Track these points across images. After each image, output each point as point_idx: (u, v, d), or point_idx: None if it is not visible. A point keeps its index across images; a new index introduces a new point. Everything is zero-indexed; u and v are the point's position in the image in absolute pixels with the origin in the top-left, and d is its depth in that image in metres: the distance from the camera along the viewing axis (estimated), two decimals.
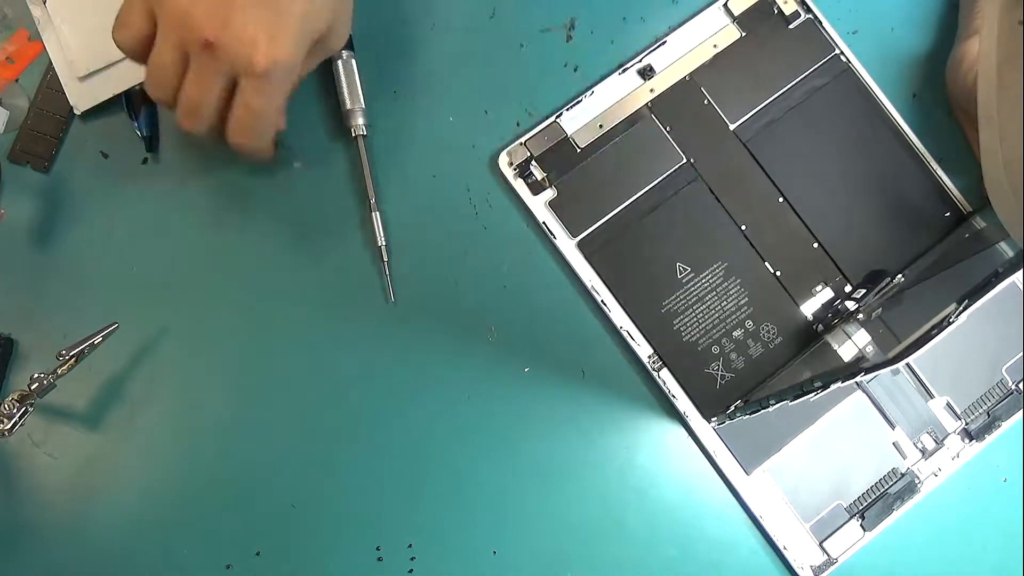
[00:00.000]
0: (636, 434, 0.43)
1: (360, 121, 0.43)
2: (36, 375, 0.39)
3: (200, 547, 0.42)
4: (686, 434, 0.43)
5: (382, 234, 0.43)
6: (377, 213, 0.43)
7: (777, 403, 0.35)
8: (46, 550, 0.42)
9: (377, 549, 0.42)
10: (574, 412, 0.42)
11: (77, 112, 0.43)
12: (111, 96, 0.43)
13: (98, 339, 0.40)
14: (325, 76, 0.44)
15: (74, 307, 0.43)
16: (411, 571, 0.42)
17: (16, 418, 0.38)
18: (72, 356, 0.39)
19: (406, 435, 0.42)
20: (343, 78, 0.43)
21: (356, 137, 0.43)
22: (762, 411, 0.37)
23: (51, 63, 0.43)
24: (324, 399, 0.43)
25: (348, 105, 0.43)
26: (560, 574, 0.42)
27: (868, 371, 0.29)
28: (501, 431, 0.42)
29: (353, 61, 0.43)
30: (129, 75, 0.43)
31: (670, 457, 0.42)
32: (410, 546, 0.42)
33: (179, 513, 0.42)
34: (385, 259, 0.43)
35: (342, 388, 0.43)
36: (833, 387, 0.31)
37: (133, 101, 0.43)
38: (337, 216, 0.44)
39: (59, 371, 0.39)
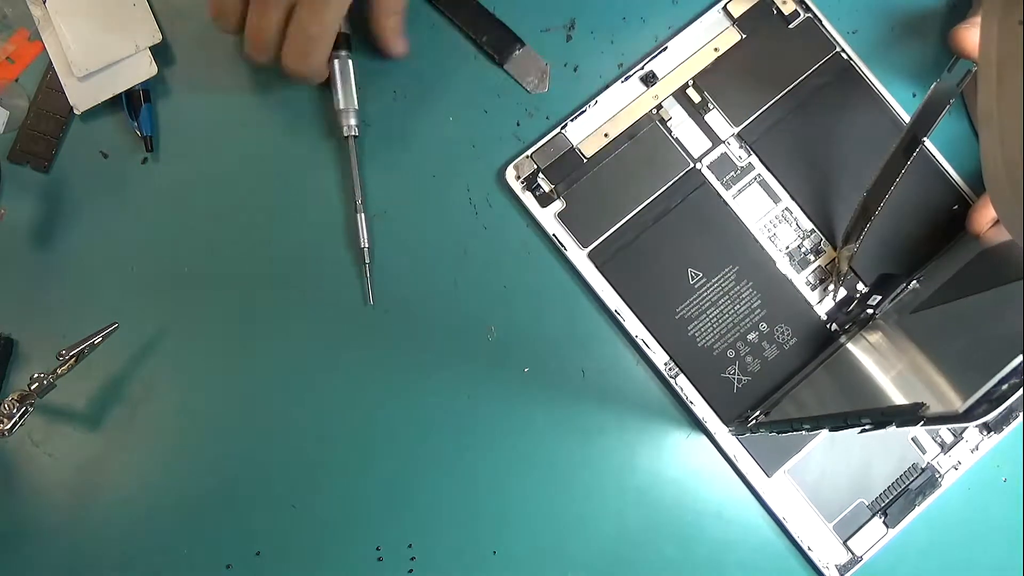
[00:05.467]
0: (650, 438, 0.42)
1: (352, 122, 0.43)
2: (36, 375, 0.39)
3: (200, 547, 0.42)
4: (704, 438, 0.42)
5: (366, 236, 0.42)
6: (362, 215, 0.43)
7: (813, 430, 0.34)
8: (46, 550, 0.42)
9: (377, 549, 0.42)
10: (575, 413, 0.42)
11: (77, 112, 0.43)
12: (111, 96, 0.43)
13: (98, 339, 0.40)
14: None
15: (74, 307, 0.43)
16: (411, 571, 0.42)
17: (16, 418, 0.38)
18: (72, 356, 0.39)
19: (406, 435, 0.42)
20: (338, 77, 0.43)
21: (347, 138, 0.43)
22: (793, 432, 0.36)
23: (51, 63, 0.43)
24: (325, 399, 0.43)
25: (342, 105, 0.43)
26: (561, 574, 0.42)
27: (930, 422, 0.27)
28: (501, 431, 0.42)
29: (350, 61, 0.43)
30: (129, 75, 0.43)
31: (686, 461, 0.42)
32: (410, 546, 0.42)
33: (179, 513, 0.42)
34: (367, 261, 0.42)
35: (342, 388, 0.43)
36: (889, 429, 0.30)
37: (133, 101, 0.43)
38: (336, 215, 0.44)
39: (59, 371, 0.39)
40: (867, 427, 0.31)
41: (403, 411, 0.42)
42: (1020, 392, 0.25)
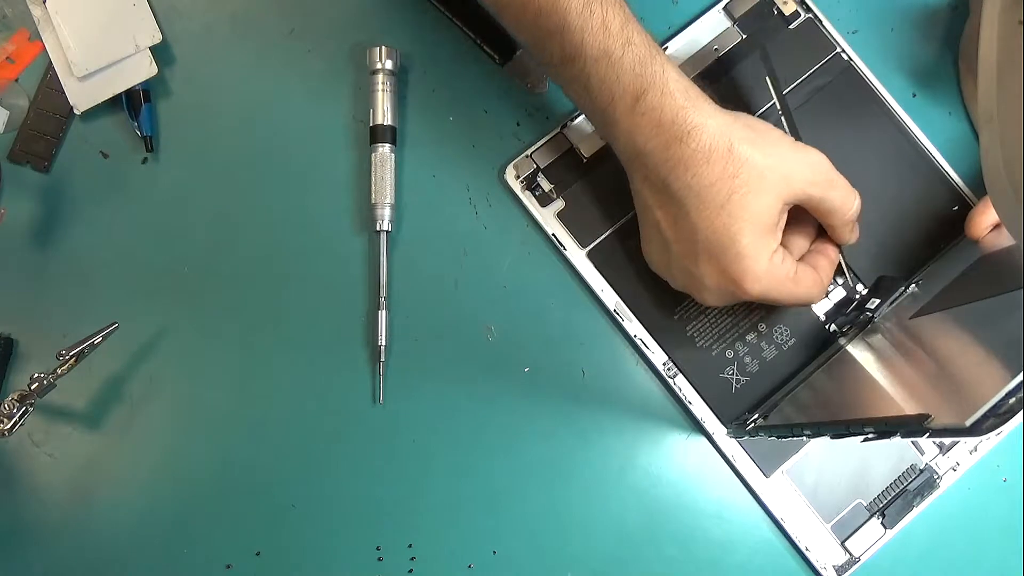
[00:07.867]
0: (650, 438, 0.42)
1: (387, 214, 0.42)
2: (36, 375, 0.39)
3: (200, 547, 0.42)
4: (703, 438, 0.42)
5: (384, 335, 0.42)
6: (383, 311, 0.42)
7: (814, 436, 0.34)
8: (46, 550, 0.42)
9: (377, 549, 0.42)
10: (575, 413, 0.42)
11: (77, 112, 0.43)
12: (111, 96, 0.43)
13: (98, 339, 0.40)
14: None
15: (74, 307, 0.43)
16: (411, 571, 0.42)
17: (16, 418, 0.38)
18: (72, 356, 0.39)
19: (406, 435, 0.42)
20: (378, 170, 0.42)
21: (380, 232, 0.42)
22: (793, 438, 0.36)
23: (51, 63, 0.43)
24: (324, 399, 0.43)
25: (376, 198, 0.42)
26: (561, 574, 0.42)
27: (935, 434, 0.27)
28: (501, 431, 0.42)
29: (393, 155, 0.43)
30: (129, 75, 0.43)
31: (685, 461, 0.42)
32: (410, 546, 0.42)
33: (179, 513, 0.42)
34: (381, 359, 0.42)
35: (341, 388, 0.43)
36: (893, 439, 0.29)
37: (133, 101, 0.43)
38: (339, 207, 0.44)
39: (59, 371, 0.39)
40: (870, 436, 0.30)
41: (402, 411, 0.42)
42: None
